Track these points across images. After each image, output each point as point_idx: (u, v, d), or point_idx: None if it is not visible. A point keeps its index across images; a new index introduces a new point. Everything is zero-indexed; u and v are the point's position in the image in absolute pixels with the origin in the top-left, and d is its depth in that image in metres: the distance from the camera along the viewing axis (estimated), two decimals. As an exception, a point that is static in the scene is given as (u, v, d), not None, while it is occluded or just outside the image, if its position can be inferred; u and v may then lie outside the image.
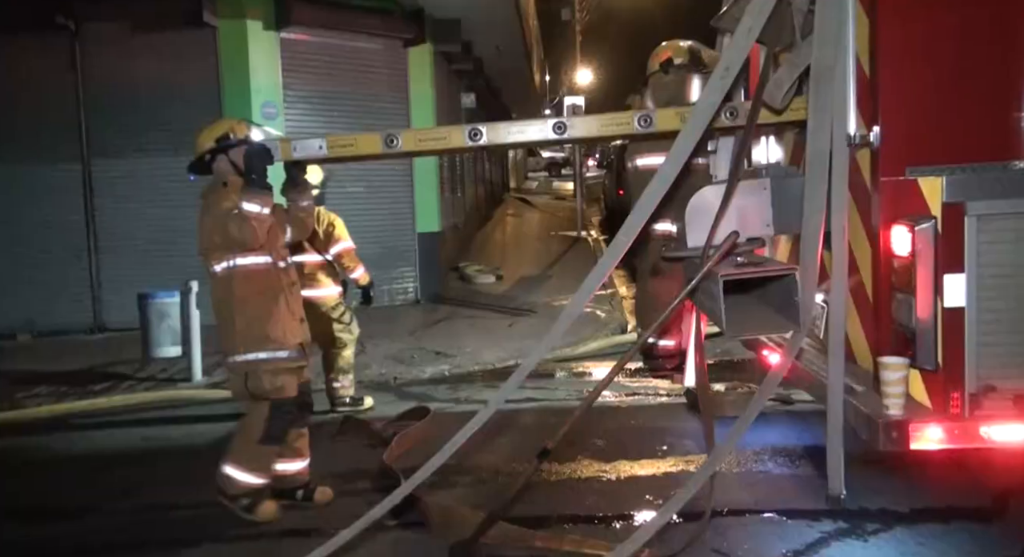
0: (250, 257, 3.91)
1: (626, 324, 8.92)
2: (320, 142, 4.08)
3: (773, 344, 4.48)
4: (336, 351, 6.00)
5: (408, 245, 11.27)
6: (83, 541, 3.91)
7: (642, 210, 3.51)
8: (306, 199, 4.27)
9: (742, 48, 3.60)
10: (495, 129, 4.13)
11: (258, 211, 3.81)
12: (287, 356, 3.96)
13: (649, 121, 4.00)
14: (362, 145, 4.11)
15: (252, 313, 3.90)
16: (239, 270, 3.90)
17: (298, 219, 4.24)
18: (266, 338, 3.91)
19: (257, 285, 3.92)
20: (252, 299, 3.91)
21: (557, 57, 36.16)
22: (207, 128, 4.09)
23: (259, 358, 3.90)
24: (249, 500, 3.97)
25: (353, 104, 10.47)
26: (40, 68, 9.67)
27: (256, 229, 3.80)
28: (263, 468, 3.98)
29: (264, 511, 4.00)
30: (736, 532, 3.63)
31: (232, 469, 3.95)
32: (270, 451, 4.00)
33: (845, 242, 3.54)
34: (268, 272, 3.95)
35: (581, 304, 3.64)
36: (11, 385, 7.08)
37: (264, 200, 3.84)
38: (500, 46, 14.90)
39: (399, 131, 4.11)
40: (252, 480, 3.96)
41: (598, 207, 22.89)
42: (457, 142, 4.13)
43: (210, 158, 4.01)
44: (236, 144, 3.99)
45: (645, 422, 5.42)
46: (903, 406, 3.32)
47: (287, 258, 4.12)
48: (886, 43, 3.48)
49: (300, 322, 4.09)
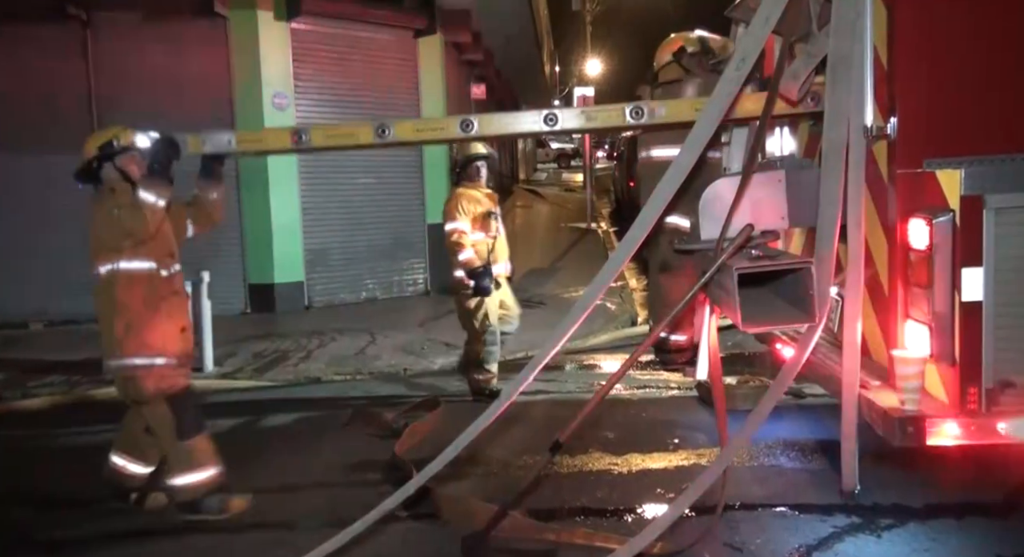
0: (134, 262, 3.90)
1: (636, 317, 8.90)
2: (229, 136, 4.11)
3: (787, 338, 4.45)
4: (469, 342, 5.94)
5: (418, 236, 11.26)
6: (92, 529, 3.92)
7: (657, 202, 3.48)
8: (217, 191, 4.27)
9: (758, 38, 3.56)
10: (402, 125, 4.15)
11: (153, 201, 3.82)
12: (164, 363, 3.93)
13: (641, 113, 3.97)
14: (270, 140, 4.16)
15: (131, 319, 3.89)
16: (122, 274, 3.90)
17: (204, 212, 4.26)
18: (144, 344, 3.89)
19: (137, 291, 3.91)
20: (132, 305, 3.90)
21: (567, 47, 36.06)
22: (93, 136, 4.08)
23: (135, 364, 3.89)
24: (218, 499, 3.95)
25: (363, 94, 10.45)
26: (52, 58, 9.67)
27: (148, 219, 3.82)
28: (204, 461, 3.96)
29: (234, 506, 4.00)
30: (748, 526, 3.61)
31: (178, 479, 3.94)
32: (198, 442, 3.97)
33: (862, 235, 3.50)
34: (150, 279, 3.94)
35: (595, 297, 3.62)
36: (23, 373, 7.12)
37: (161, 191, 3.86)
38: (510, 36, 14.85)
39: (309, 126, 4.12)
40: (201, 477, 3.95)
41: (608, 199, 22.84)
42: (365, 138, 4.13)
43: (97, 166, 4.01)
44: (120, 151, 3.99)
45: (656, 415, 5.41)
46: (919, 401, 3.29)
47: (172, 267, 4.07)
48: (904, 33, 3.44)
49: (182, 331, 4.06)
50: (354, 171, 10.46)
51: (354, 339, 8.23)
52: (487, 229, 5.79)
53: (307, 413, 5.86)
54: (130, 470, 4.12)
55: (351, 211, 10.55)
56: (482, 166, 5.88)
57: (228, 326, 8.37)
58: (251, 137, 4.12)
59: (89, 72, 9.68)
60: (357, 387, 6.62)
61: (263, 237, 9.84)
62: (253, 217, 9.84)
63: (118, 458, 4.11)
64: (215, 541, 3.78)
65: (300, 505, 4.12)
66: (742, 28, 4.97)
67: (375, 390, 6.44)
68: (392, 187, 11.03)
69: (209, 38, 9.62)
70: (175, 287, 4.07)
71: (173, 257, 4.08)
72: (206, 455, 3.97)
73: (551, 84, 31.88)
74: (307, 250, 10.16)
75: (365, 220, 10.69)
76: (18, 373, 7.17)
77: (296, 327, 8.92)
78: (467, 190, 5.83)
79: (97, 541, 3.82)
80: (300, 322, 9.29)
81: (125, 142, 3.99)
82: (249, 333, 8.62)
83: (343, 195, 10.50)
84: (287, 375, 7.06)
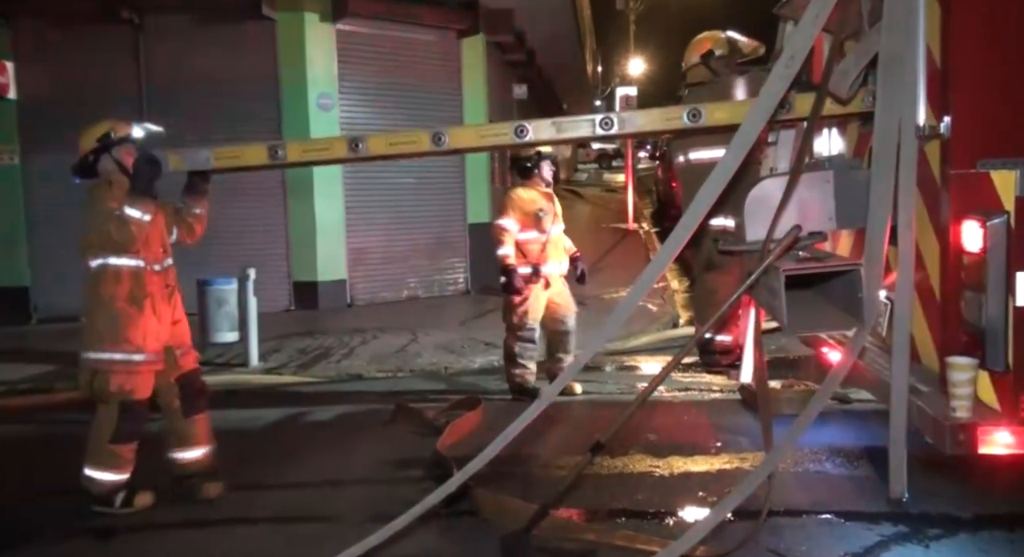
0: (123, 258, 3.97)
1: (678, 318, 8.83)
2: (207, 154, 4.18)
3: (833, 341, 4.38)
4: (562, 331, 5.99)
5: (459, 236, 11.33)
6: (141, 518, 4.00)
7: (702, 202, 3.45)
8: (200, 207, 4.34)
9: (808, 36, 3.51)
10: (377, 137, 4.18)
11: (139, 217, 3.89)
12: (143, 359, 3.99)
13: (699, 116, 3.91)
14: (248, 156, 4.21)
15: (114, 313, 3.95)
16: (110, 269, 3.97)
17: (187, 224, 4.33)
18: (124, 339, 3.95)
19: (124, 286, 3.97)
20: (116, 300, 3.96)
21: (610, 47, 35.89)
22: (87, 130, 4.15)
23: (113, 358, 3.95)
24: (123, 495, 4.02)
25: (406, 95, 10.54)
26: (105, 61, 9.94)
27: (134, 234, 3.89)
28: (122, 464, 4.02)
29: (141, 501, 4.05)
30: (793, 533, 3.56)
31: (93, 471, 4.00)
32: (126, 449, 4.03)
33: (913, 237, 3.43)
34: (138, 275, 4.00)
35: (638, 298, 3.61)
36: (73, 366, 7.28)
37: (146, 208, 3.92)
38: (553, 36, 14.83)
39: (284, 142, 4.21)
40: (115, 478, 4.01)
41: (650, 199, 22.66)
42: (339, 152, 4.19)
43: (94, 158, 4.08)
44: (118, 142, 4.06)
45: (698, 418, 5.36)
46: (971, 409, 3.22)
47: (165, 261, 4.15)
48: (958, 30, 3.36)
49: (172, 325, 4.14)
50: (397, 171, 10.57)
51: (396, 337, 8.30)
52: (540, 228, 5.82)
53: (349, 409, 5.92)
54: (188, 458, 4.22)
55: (393, 211, 10.66)
56: (545, 164, 5.92)
57: (273, 323, 8.51)
58: (229, 153, 4.20)
59: (140, 74, 9.94)
60: (398, 384, 6.67)
61: (308, 236, 9.98)
62: (298, 217, 9.99)
63: (176, 453, 4.20)
64: (264, 532, 3.85)
65: (344, 499, 4.17)
66: (790, 26, 4.90)
67: (416, 388, 6.49)
68: (434, 187, 11.11)
69: (257, 40, 9.80)
70: (168, 281, 4.16)
71: (166, 252, 4.19)
72: (126, 462, 4.04)
73: (593, 84, 31.77)
74: (350, 249, 10.28)
75: (407, 220, 10.79)
76: (68, 365, 7.37)
77: (339, 324, 9.04)
78: (522, 188, 5.91)
79: (147, 530, 3.90)
80: (343, 320, 9.41)
81: (121, 133, 4.08)
82: (293, 330, 8.75)
83: (386, 195, 10.60)
84: (330, 372, 7.15)
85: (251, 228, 9.98)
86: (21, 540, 3.80)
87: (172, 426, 4.20)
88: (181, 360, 4.20)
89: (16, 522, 3.99)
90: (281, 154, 4.13)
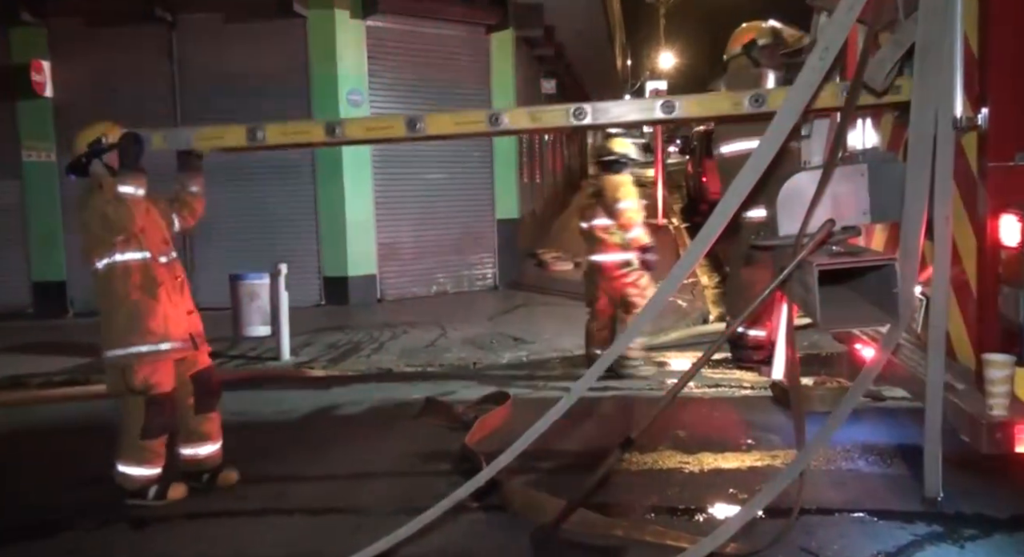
0: (128, 253, 4.03)
1: (708, 314, 8.76)
2: (189, 133, 4.27)
3: (867, 337, 4.31)
4: (628, 316, 6.16)
5: (487, 231, 11.34)
6: (174, 508, 4.07)
7: (735, 195, 3.41)
8: (196, 184, 4.39)
9: (843, 26, 3.45)
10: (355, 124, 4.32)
11: (132, 191, 3.95)
12: (170, 348, 4.06)
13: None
14: (229, 137, 4.24)
15: (132, 308, 4.00)
16: (119, 266, 4.03)
17: (187, 205, 4.38)
18: (147, 331, 4.00)
19: (136, 280, 4.03)
20: (131, 292, 4.01)
21: (639, 41, 35.65)
22: (83, 132, 4.22)
23: (140, 351, 4.00)
24: (156, 488, 4.09)
25: (436, 91, 10.55)
26: (139, 59, 10.09)
27: (131, 209, 3.94)
28: (154, 459, 4.09)
29: (175, 493, 4.12)
30: (825, 531, 3.52)
31: (126, 467, 4.06)
32: (156, 443, 4.09)
33: (949, 231, 3.37)
34: (146, 267, 4.07)
35: (669, 292, 3.58)
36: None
37: (137, 181, 3.98)
38: (582, 30, 14.75)
39: (264, 124, 4.23)
40: (148, 472, 4.07)
41: (679, 194, 22.49)
42: (317, 136, 4.27)
43: (86, 161, 4.16)
44: (108, 148, 4.12)
45: (729, 414, 5.31)
46: (1007, 406, 3.15)
47: (169, 254, 4.21)
48: (997, 19, 3.29)
49: (188, 314, 4.21)
50: (426, 166, 10.60)
51: (425, 332, 8.34)
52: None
53: (379, 403, 5.97)
54: (201, 454, 4.28)
55: (422, 206, 10.70)
56: (627, 163, 6.59)
57: (304, 317, 8.59)
58: (211, 133, 4.26)
59: (174, 71, 10.07)
60: (428, 379, 6.71)
61: (337, 231, 10.06)
62: (328, 212, 10.06)
63: (186, 449, 4.28)
64: (295, 522, 3.89)
65: (374, 492, 4.21)
66: (824, 16, 4.82)
67: (445, 382, 6.51)
68: (462, 182, 11.13)
69: (288, 37, 9.87)
70: (175, 273, 4.23)
71: (168, 244, 4.26)
72: (157, 456, 4.11)
73: (622, 78, 31.57)
74: (380, 244, 10.34)
75: (436, 215, 10.82)
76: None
77: (368, 319, 9.10)
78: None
79: (179, 519, 3.97)
80: (372, 314, 9.47)
81: (112, 139, 4.15)
82: (323, 324, 8.83)
83: (415, 190, 10.64)
84: (360, 366, 7.21)
85: (282, 224, 10.08)
86: (60, 528, 3.89)
87: (183, 422, 4.27)
88: (199, 352, 4.28)
89: (55, 510, 4.09)
90: (260, 136, 4.20)
